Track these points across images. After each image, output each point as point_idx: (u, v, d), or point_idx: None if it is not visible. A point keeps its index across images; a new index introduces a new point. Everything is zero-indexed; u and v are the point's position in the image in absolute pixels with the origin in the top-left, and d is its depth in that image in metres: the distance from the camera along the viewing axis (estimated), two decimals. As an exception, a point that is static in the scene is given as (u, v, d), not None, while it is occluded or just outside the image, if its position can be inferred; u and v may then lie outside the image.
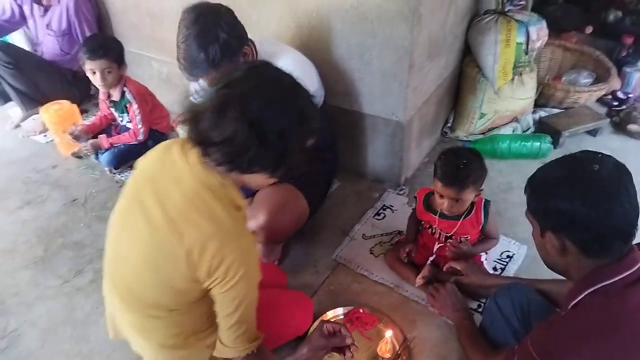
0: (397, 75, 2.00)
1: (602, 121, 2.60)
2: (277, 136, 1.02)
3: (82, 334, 1.80)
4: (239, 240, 1.07)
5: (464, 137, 2.66)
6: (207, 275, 1.07)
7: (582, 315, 1.00)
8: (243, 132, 0.99)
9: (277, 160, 1.06)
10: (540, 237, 1.10)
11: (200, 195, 1.05)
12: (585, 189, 0.98)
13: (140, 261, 1.13)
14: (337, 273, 1.97)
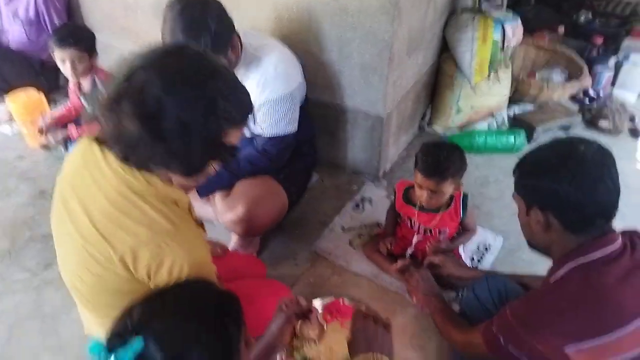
0: (377, 68, 2.00)
1: (574, 117, 2.67)
2: (178, 131, 0.91)
3: (52, 328, 1.73)
4: (178, 238, 0.98)
5: (441, 132, 2.68)
6: (149, 277, 1.00)
7: (562, 288, 1.04)
8: (134, 126, 0.90)
9: (180, 157, 0.95)
10: (525, 216, 1.14)
11: (126, 197, 0.97)
12: (572, 169, 1.02)
13: (81, 271, 1.05)
14: (317, 265, 1.96)
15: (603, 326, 0.96)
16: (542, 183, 1.06)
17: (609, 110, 2.67)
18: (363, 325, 1.12)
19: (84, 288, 1.09)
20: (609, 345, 0.95)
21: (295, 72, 1.82)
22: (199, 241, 1.08)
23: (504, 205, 2.24)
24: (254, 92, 1.73)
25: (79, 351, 1.66)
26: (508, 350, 1.07)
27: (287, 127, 1.79)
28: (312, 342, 1.64)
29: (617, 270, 1.00)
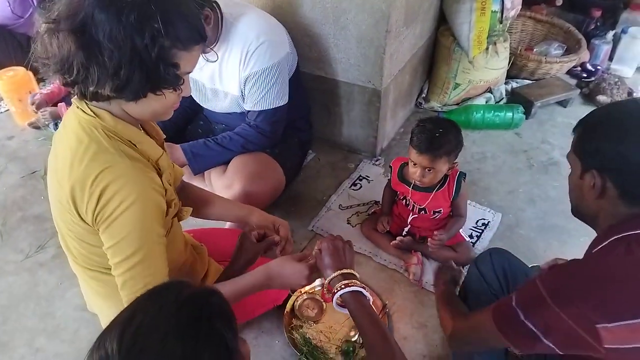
0: (374, 40, 1.94)
1: (573, 92, 2.63)
2: (109, 48, 0.87)
3: (47, 310, 1.71)
4: (121, 172, 0.96)
5: (439, 107, 2.64)
6: (91, 211, 0.97)
7: (601, 259, 0.98)
8: (70, 46, 0.86)
9: (119, 78, 0.90)
10: (578, 179, 1.06)
11: (77, 135, 0.97)
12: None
13: (61, 224, 1.09)
14: (314, 244, 1.92)
15: (633, 305, 0.89)
16: (607, 144, 0.99)
17: (607, 84, 2.63)
18: (328, 244, 1.25)
19: (69, 244, 1.12)
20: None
21: (280, 41, 1.75)
22: (150, 192, 1.00)
23: (501, 181, 2.22)
24: (237, 66, 1.68)
25: (74, 332, 1.64)
26: (526, 326, 0.98)
27: (276, 100, 1.74)
28: (311, 321, 1.63)
29: None
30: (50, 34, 0.89)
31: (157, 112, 1.03)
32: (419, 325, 1.63)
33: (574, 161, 1.08)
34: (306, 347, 1.54)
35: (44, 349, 1.60)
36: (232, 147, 1.77)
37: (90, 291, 1.25)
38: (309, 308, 1.67)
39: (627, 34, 2.88)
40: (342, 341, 1.57)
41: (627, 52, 2.91)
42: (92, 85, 0.91)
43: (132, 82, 0.91)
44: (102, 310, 1.29)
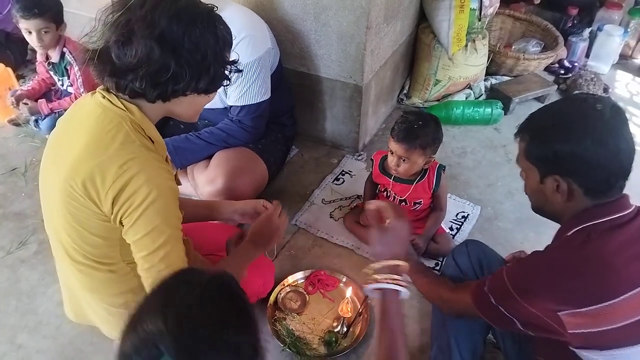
0: (355, 36, 1.97)
1: (550, 88, 2.69)
2: (192, 49, 0.99)
3: (29, 306, 1.70)
4: (146, 163, 1.01)
5: (420, 103, 2.68)
6: (114, 202, 1.00)
7: (562, 250, 1.00)
8: (156, 49, 0.96)
9: (197, 75, 1.03)
10: (538, 184, 1.05)
11: (102, 124, 1.01)
12: (595, 130, 0.95)
13: (60, 212, 1.07)
14: (298, 237, 1.96)
15: (599, 294, 0.92)
16: (563, 148, 0.96)
17: (583, 80, 2.70)
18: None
19: (67, 238, 1.10)
20: (603, 312, 0.91)
21: (262, 37, 1.76)
22: (169, 183, 1.06)
23: (480, 175, 2.26)
24: None
25: (56, 328, 1.64)
26: (499, 310, 1.03)
27: (258, 95, 1.75)
28: (294, 313, 1.65)
29: (621, 237, 0.95)
30: (129, 43, 0.97)
31: (199, 111, 1.15)
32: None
33: (529, 168, 1.06)
34: (289, 339, 1.56)
35: (26, 346, 1.60)
36: (214, 141, 1.78)
37: (78, 285, 1.23)
38: (292, 300, 1.69)
39: (603, 32, 2.95)
40: (325, 332, 1.59)
41: (603, 49, 2.98)
42: (182, 83, 1.01)
43: (216, 78, 1.07)
44: (89, 303, 1.26)
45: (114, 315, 1.21)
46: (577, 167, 0.97)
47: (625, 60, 3.15)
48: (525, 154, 1.06)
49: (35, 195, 2.10)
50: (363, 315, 1.64)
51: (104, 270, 1.12)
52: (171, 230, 1.04)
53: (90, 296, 1.21)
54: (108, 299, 1.19)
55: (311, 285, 1.75)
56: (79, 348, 1.58)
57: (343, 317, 1.62)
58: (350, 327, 1.61)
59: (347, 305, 1.65)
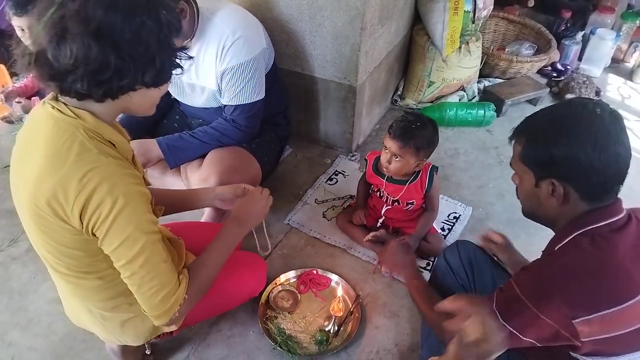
0: (349, 37, 1.98)
1: (542, 91, 2.71)
2: (134, 40, 0.91)
3: (20, 304, 1.70)
4: (108, 170, 0.95)
5: (414, 105, 2.70)
6: (81, 217, 0.95)
7: (571, 253, 0.98)
8: (93, 45, 0.88)
9: (143, 68, 0.94)
10: (533, 188, 1.05)
11: (55, 138, 0.95)
12: (594, 134, 0.94)
13: (33, 230, 1.03)
14: (290, 237, 1.96)
15: (613, 297, 0.91)
16: (561, 151, 0.96)
17: (576, 83, 2.72)
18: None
19: (44, 253, 1.08)
20: (617, 317, 0.90)
21: (257, 36, 1.76)
22: (136, 187, 1.00)
23: (472, 176, 2.28)
24: (214, 60, 1.69)
25: (47, 326, 1.64)
26: (504, 328, 0.96)
27: (253, 95, 1.75)
28: (286, 312, 1.66)
29: (626, 238, 0.95)
30: (64, 42, 0.88)
31: (154, 104, 1.07)
32: (391, 315, 1.68)
33: (524, 171, 1.05)
34: (280, 337, 1.57)
35: (17, 343, 1.59)
36: (207, 140, 1.78)
37: (68, 293, 1.22)
38: (283, 299, 1.69)
39: (596, 35, 2.98)
40: (316, 331, 1.60)
41: (595, 53, 3.01)
42: (127, 79, 0.93)
43: (164, 68, 0.98)
44: (83, 309, 1.24)
45: (107, 319, 1.21)
46: (575, 171, 0.96)
47: (617, 63, 3.19)
48: (520, 156, 1.05)
49: (28, 193, 2.11)
50: (354, 314, 1.65)
51: (91, 278, 1.10)
52: (146, 235, 1.01)
53: (82, 303, 1.21)
54: (100, 304, 1.18)
55: (303, 284, 1.76)
56: (70, 346, 1.58)
57: (334, 316, 1.63)
58: (341, 326, 1.62)
59: (339, 304, 1.66)
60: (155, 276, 1.03)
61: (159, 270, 1.04)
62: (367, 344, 1.59)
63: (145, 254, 1.01)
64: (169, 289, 1.06)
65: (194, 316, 1.38)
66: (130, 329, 1.24)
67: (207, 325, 1.64)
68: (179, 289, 1.08)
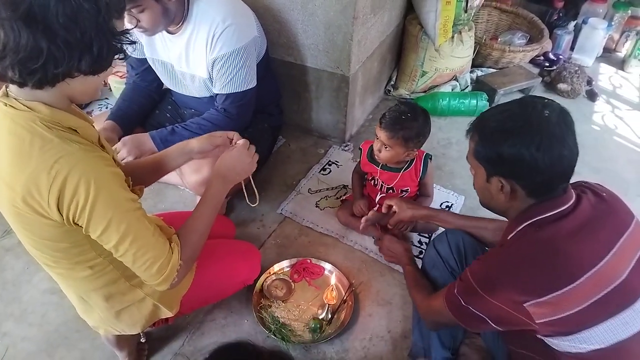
0: (342, 27, 1.98)
1: (535, 80, 2.72)
2: (68, 24, 0.85)
3: (14, 295, 1.70)
4: (76, 156, 0.93)
5: (407, 94, 2.70)
6: (59, 209, 0.94)
7: (518, 243, 1.04)
8: (23, 31, 0.83)
9: (78, 55, 0.88)
10: (485, 183, 1.10)
11: (15, 133, 0.92)
12: (540, 136, 0.98)
13: (17, 229, 1.02)
14: (284, 226, 1.97)
15: (558, 280, 0.95)
16: (508, 151, 1.00)
17: (568, 72, 2.73)
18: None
19: (31, 249, 1.07)
20: (566, 298, 0.95)
21: (247, 25, 1.75)
22: (107, 169, 0.98)
23: (465, 165, 2.24)
24: (204, 48, 1.68)
25: (42, 316, 1.64)
26: (469, 310, 1.06)
27: (244, 83, 1.75)
28: (279, 301, 1.67)
29: (569, 224, 1.00)
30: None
31: (98, 89, 1.02)
32: (384, 303, 1.69)
33: (477, 166, 1.11)
34: (274, 326, 1.58)
35: (11, 334, 1.60)
36: (199, 131, 1.77)
37: (63, 286, 1.23)
38: (277, 288, 1.70)
39: (588, 25, 2.99)
40: (310, 319, 1.62)
41: (588, 42, 3.03)
42: (62, 66, 0.88)
43: (102, 53, 0.91)
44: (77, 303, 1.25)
45: (102, 310, 1.21)
46: (521, 170, 1.01)
47: (609, 53, 3.21)
48: (473, 153, 1.10)
49: (20, 184, 2.10)
50: (347, 302, 1.66)
51: (80, 269, 1.10)
52: (128, 214, 1.00)
53: (76, 294, 1.21)
54: (93, 294, 1.18)
55: (297, 273, 1.77)
56: (65, 335, 1.59)
57: (328, 304, 1.64)
58: (334, 314, 1.63)
59: (332, 293, 1.68)
60: (147, 250, 1.04)
61: (149, 244, 1.04)
62: (360, 331, 1.61)
63: (132, 233, 1.01)
64: (163, 259, 1.07)
65: (189, 304, 1.39)
66: (126, 317, 1.25)
67: (202, 314, 1.65)
68: (173, 257, 1.09)
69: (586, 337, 0.97)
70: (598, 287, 0.96)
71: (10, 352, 1.55)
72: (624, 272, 0.98)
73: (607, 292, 0.96)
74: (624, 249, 1.00)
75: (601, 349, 0.97)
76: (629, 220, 1.04)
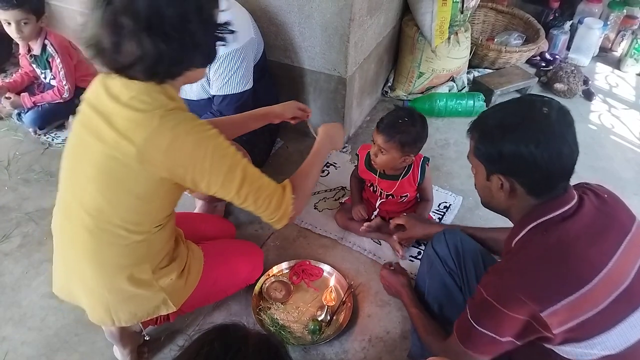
0: (338, 29, 1.98)
1: (531, 80, 2.73)
2: (180, 26, 0.98)
3: (13, 299, 1.70)
4: (188, 125, 1.06)
5: (404, 96, 2.71)
6: (173, 164, 1.06)
7: (526, 249, 1.02)
8: (147, 42, 0.96)
9: (193, 50, 1.03)
10: (485, 181, 1.10)
11: (136, 98, 1.05)
12: (539, 133, 0.98)
13: (100, 178, 1.10)
14: (282, 229, 1.95)
15: (571, 284, 0.94)
16: (507, 148, 1.00)
17: (564, 72, 2.74)
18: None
19: (103, 204, 1.12)
20: (580, 302, 0.93)
21: (244, 27, 1.76)
22: (212, 131, 1.11)
23: (462, 165, 2.30)
24: None
25: (41, 320, 1.64)
26: (481, 334, 1.02)
27: (240, 85, 1.76)
28: (279, 302, 1.68)
29: (576, 226, 0.99)
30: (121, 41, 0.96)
31: (205, 73, 1.25)
32: (382, 304, 1.70)
33: (478, 165, 1.11)
34: (274, 327, 1.59)
35: (11, 338, 1.60)
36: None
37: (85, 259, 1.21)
38: (276, 290, 1.71)
39: (584, 25, 3.00)
40: (309, 320, 1.62)
41: (584, 42, 3.03)
42: (181, 65, 1.05)
43: (212, 47, 1.08)
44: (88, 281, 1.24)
45: (113, 291, 1.22)
46: (520, 168, 1.01)
47: (605, 52, 3.22)
48: (473, 151, 1.10)
49: (19, 189, 2.10)
50: (346, 303, 1.67)
51: (126, 242, 1.17)
52: (240, 164, 1.13)
53: (97, 270, 1.20)
54: (117, 271, 1.20)
55: (295, 275, 1.77)
56: (64, 339, 1.59)
57: (327, 306, 1.65)
58: (333, 316, 1.63)
59: (331, 294, 1.68)
60: (263, 190, 1.18)
61: (263, 184, 1.19)
62: (360, 333, 1.62)
63: (248, 177, 1.14)
64: (277, 196, 1.21)
65: (192, 302, 1.42)
66: (133, 305, 1.26)
67: (202, 317, 1.65)
68: (286, 192, 1.23)
69: (598, 342, 0.95)
70: (609, 290, 0.95)
71: (10, 357, 1.55)
72: (630, 274, 0.97)
73: (617, 295, 0.95)
74: (629, 250, 0.99)
75: (611, 355, 0.96)
76: (630, 222, 1.04)
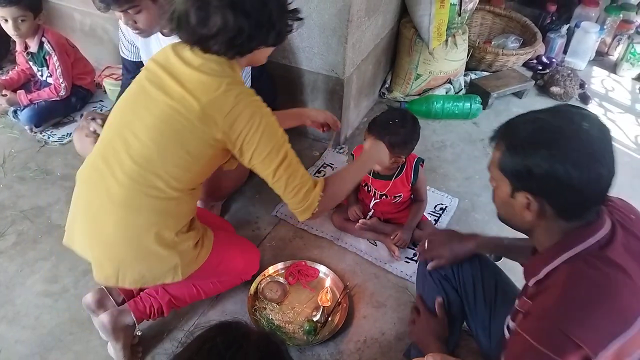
0: (336, 29, 1.98)
1: (528, 83, 2.74)
2: (259, 5, 1.12)
3: (7, 297, 1.69)
4: (249, 98, 1.18)
5: (401, 97, 2.71)
6: (231, 129, 1.16)
7: (573, 285, 0.89)
8: (230, 16, 1.09)
9: (268, 29, 1.16)
10: (508, 197, 0.97)
11: (206, 65, 1.17)
12: (578, 151, 0.87)
13: (158, 127, 1.18)
14: (278, 229, 1.98)
15: (622, 321, 0.85)
16: (540, 166, 0.88)
17: (560, 76, 2.75)
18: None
19: (152, 152, 1.19)
20: (629, 343, 0.85)
21: None
22: (267, 108, 1.22)
23: (459, 168, 2.31)
24: None
25: (35, 318, 1.63)
26: None
27: None
28: (274, 303, 1.68)
29: (617, 258, 0.89)
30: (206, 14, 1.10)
31: (267, 56, 1.32)
32: (378, 305, 1.70)
33: (501, 179, 0.98)
34: (269, 328, 1.59)
35: (4, 336, 1.59)
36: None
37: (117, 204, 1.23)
38: (272, 290, 1.71)
39: (580, 28, 3.01)
40: (304, 321, 1.62)
41: (580, 46, 3.05)
42: (255, 41, 1.18)
43: (283, 29, 1.21)
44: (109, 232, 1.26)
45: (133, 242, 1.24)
46: (553, 189, 0.90)
47: (601, 56, 3.23)
48: (498, 163, 0.97)
49: (15, 187, 2.09)
50: (342, 304, 1.67)
51: (168, 196, 1.23)
52: (285, 144, 1.23)
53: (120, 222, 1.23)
54: (146, 229, 1.24)
55: (291, 275, 1.77)
56: (59, 338, 1.58)
57: (322, 307, 1.65)
58: (329, 316, 1.63)
59: (327, 295, 1.68)
60: (297, 177, 1.25)
61: (298, 171, 1.26)
62: (355, 334, 1.62)
63: (287, 160, 1.23)
64: (308, 187, 1.27)
65: (186, 297, 1.44)
66: (145, 266, 1.27)
67: (196, 317, 1.65)
68: (316, 188, 1.28)
69: None
70: None
71: (3, 355, 1.54)
72: None
73: None
74: None
75: None
76: None
